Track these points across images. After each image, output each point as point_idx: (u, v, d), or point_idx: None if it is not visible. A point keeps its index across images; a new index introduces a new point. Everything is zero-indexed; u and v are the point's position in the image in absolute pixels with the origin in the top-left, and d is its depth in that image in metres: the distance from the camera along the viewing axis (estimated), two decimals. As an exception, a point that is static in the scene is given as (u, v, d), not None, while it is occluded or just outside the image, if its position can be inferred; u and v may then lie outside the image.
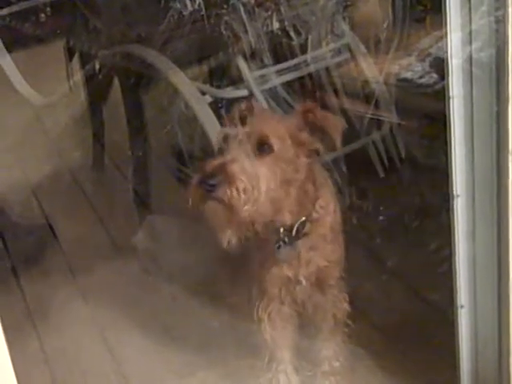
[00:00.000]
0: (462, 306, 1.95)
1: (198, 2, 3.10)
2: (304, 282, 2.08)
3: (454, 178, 1.84)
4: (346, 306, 2.20)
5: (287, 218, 1.99)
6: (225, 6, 2.99)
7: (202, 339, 2.51)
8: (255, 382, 2.21)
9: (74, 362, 2.56)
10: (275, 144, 1.88)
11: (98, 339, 2.67)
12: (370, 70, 3.06)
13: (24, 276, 3.05)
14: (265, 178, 1.86)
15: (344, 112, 2.97)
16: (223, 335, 2.47)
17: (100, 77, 3.54)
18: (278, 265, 2.06)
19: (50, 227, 3.34)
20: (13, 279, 3.03)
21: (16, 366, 1.45)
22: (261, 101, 2.91)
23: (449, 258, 1.95)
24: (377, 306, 2.56)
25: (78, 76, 3.67)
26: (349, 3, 3.07)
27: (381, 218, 2.83)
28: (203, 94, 2.99)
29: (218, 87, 3.11)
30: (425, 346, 2.35)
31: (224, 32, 2.96)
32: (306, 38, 3.00)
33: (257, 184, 1.84)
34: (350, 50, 3.11)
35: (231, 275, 2.45)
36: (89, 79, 3.64)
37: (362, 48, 3.11)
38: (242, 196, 1.81)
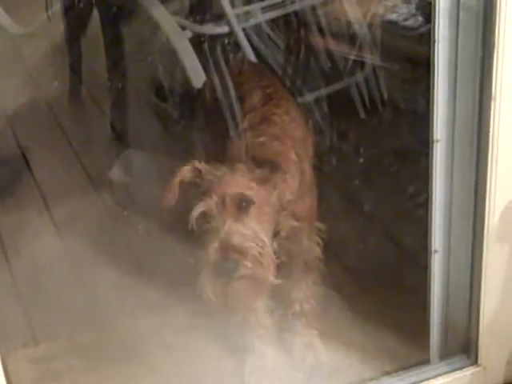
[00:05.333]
0: (435, 251, 1.97)
1: None
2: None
3: (434, 122, 1.83)
4: (318, 251, 2.17)
5: None
6: None
7: (176, 275, 2.51)
8: (228, 319, 2.21)
9: (47, 296, 2.55)
10: (251, 195, 1.86)
11: (70, 273, 2.66)
12: (353, 10, 3.02)
13: (-4, 207, 3.03)
14: (262, 230, 1.86)
15: (328, 52, 2.96)
16: (198, 272, 2.47)
17: (79, 7, 3.48)
18: None
19: (25, 158, 3.30)
20: (-15, 210, 3.01)
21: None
22: (240, 37, 2.88)
23: (425, 204, 1.96)
24: (351, 248, 2.58)
25: (57, 6, 3.59)
26: None
27: (359, 160, 2.83)
28: (183, 29, 2.94)
29: (200, 23, 3.07)
30: (397, 289, 2.37)
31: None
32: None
33: (261, 240, 1.85)
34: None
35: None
36: (68, 9, 3.57)
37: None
38: (262, 259, 1.83)
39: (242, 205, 1.85)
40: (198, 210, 1.87)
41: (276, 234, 1.98)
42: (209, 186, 1.88)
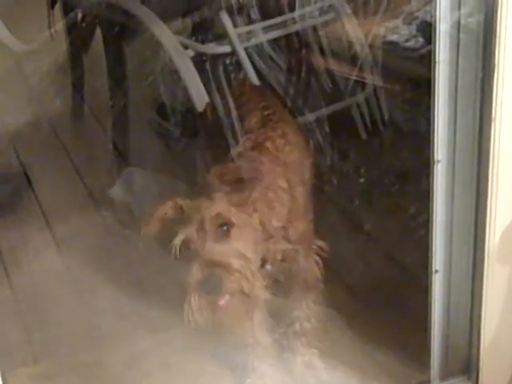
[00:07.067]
0: (436, 271, 1.97)
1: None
2: (269, 266, 2.04)
3: (435, 143, 1.84)
4: (317, 271, 2.16)
5: None
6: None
7: (176, 294, 2.51)
8: (227, 339, 2.21)
9: (47, 314, 2.55)
10: (230, 217, 1.84)
11: (71, 291, 2.66)
12: (355, 31, 3.04)
13: (-2, 224, 3.03)
14: (247, 248, 1.85)
15: (329, 72, 2.96)
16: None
17: (82, 26, 3.49)
18: None
19: (27, 176, 3.31)
20: (-13, 227, 3.01)
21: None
22: (242, 57, 2.90)
23: (426, 223, 1.96)
24: (352, 268, 2.57)
25: (60, 24, 3.61)
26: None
27: (360, 180, 2.83)
28: (186, 48, 2.96)
29: (202, 42, 3.08)
30: (397, 309, 2.36)
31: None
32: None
33: (244, 256, 1.83)
34: (335, 10, 3.09)
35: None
36: (71, 28, 3.59)
37: (347, 8, 3.08)
38: (247, 273, 1.80)
39: (223, 228, 1.83)
40: (179, 239, 1.84)
41: (268, 261, 1.98)
42: (189, 217, 1.86)
